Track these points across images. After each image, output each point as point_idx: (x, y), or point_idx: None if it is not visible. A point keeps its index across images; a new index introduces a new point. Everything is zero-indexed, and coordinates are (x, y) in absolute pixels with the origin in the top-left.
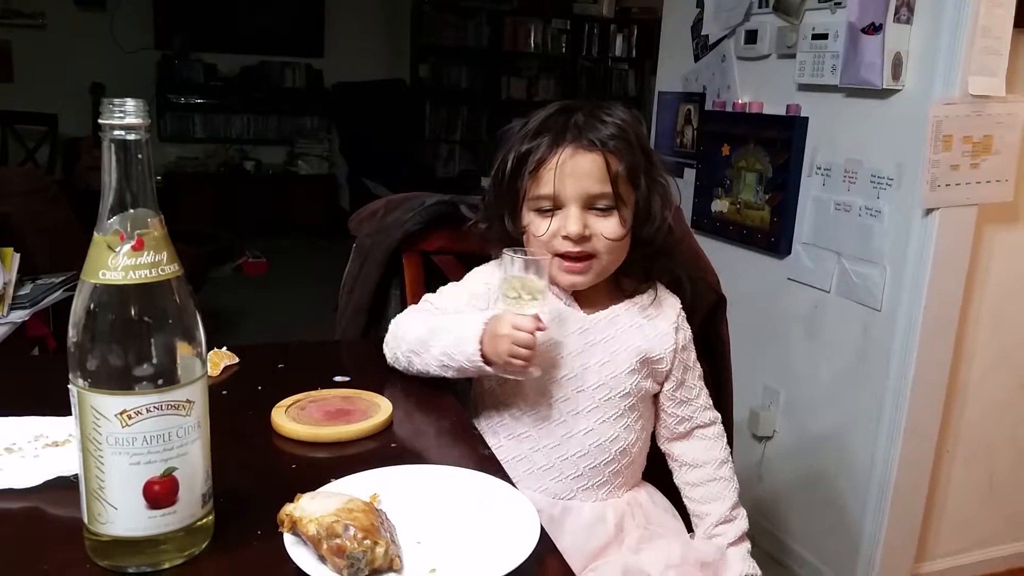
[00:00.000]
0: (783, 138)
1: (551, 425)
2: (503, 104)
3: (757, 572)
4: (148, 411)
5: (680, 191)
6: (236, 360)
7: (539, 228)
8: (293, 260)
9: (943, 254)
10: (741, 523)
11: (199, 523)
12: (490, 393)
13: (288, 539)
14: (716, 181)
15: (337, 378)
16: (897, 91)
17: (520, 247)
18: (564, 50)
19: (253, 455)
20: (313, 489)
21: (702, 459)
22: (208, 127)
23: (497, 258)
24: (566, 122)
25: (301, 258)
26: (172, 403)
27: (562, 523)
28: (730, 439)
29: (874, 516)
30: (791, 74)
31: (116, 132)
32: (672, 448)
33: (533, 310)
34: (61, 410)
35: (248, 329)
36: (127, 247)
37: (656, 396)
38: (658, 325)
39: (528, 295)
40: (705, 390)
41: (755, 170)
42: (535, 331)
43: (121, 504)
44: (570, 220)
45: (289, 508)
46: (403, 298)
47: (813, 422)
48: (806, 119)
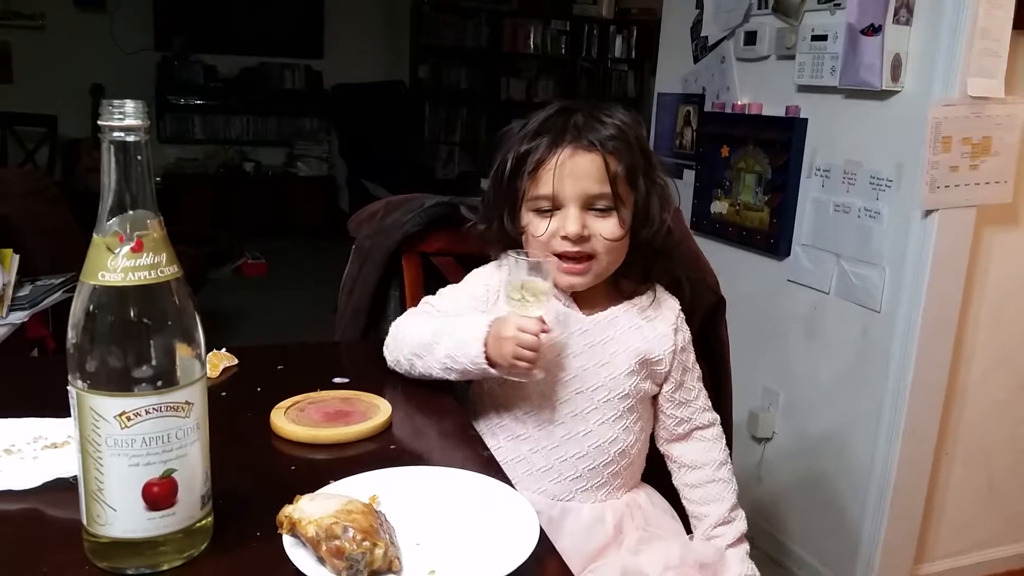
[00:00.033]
0: (782, 139)
1: (550, 427)
2: (502, 105)
3: (756, 573)
4: (147, 412)
5: (679, 192)
6: (235, 361)
7: (538, 228)
8: (292, 261)
9: (942, 255)
10: (740, 524)
11: (198, 525)
12: (489, 395)
13: (287, 541)
14: (715, 182)
15: (336, 379)
16: (896, 92)
17: (520, 248)
18: (563, 51)
19: (252, 457)
20: (312, 491)
21: (701, 460)
22: (207, 128)
23: (496, 259)
24: (565, 123)
25: (300, 259)
26: (171, 404)
27: (561, 524)
28: (729, 440)
29: (873, 517)
30: (790, 75)
31: (115, 133)
32: (671, 449)
33: (538, 312)
34: (60, 411)
35: (247, 330)
36: (126, 248)
37: (655, 397)
38: (657, 327)
39: (533, 297)
40: (704, 391)
41: (754, 171)
42: (540, 333)
43: (120, 506)
44: (569, 220)
45: (288, 510)
46: (402, 299)
47: (812, 423)
48: (805, 120)
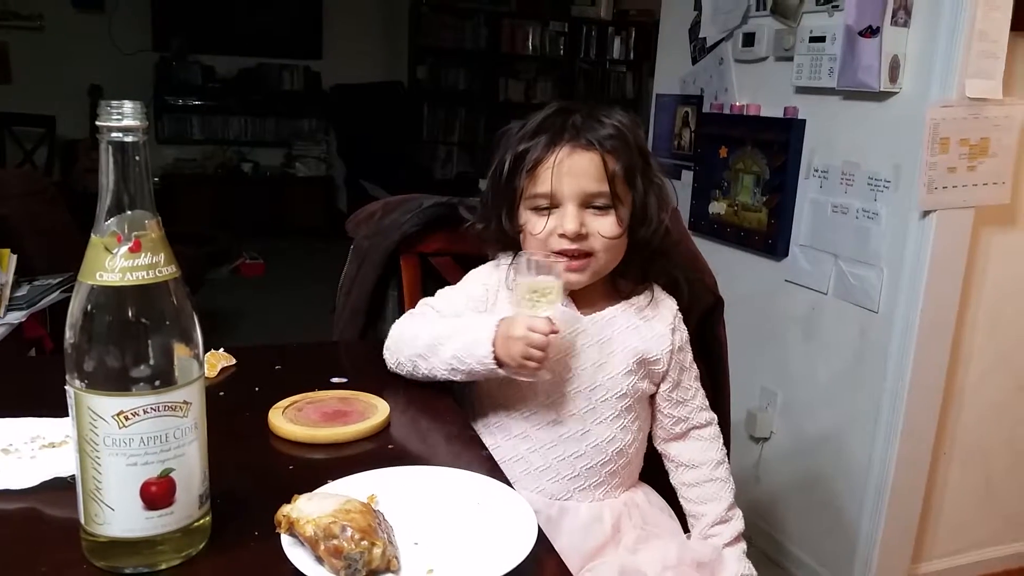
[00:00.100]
0: (780, 140)
1: (548, 426)
2: (501, 106)
3: (753, 573)
4: (145, 412)
5: (677, 193)
6: (233, 361)
7: (536, 226)
8: (290, 262)
9: (940, 256)
10: (737, 523)
11: (196, 524)
12: (488, 394)
13: (285, 540)
14: (714, 183)
15: (334, 379)
16: (894, 94)
17: (518, 247)
18: (562, 52)
19: (250, 456)
20: (310, 490)
21: (698, 460)
22: (206, 129)
23: (494, 259)
24: (564, 122)
25: (298, 260)
26: (169, 404)
27: (559, 524)
28: (727, 440)
29: (871, 517)
30: (788, 76)
31: (114, 134)
32: (668, 449)
33: (547, 312)
34: (58, 411)
35: (245, 330)
36: (124, 249)
37: (652, 397)
38: (655, 326)
39: (543, 298)
40: (701, 391)
41: (752, 172)
42: (549, 333)
43: (118, 505)
44: (567, 218)
45: (286, 509)
46: (400, 300)
47: (810, 423)
48: (803, 121)
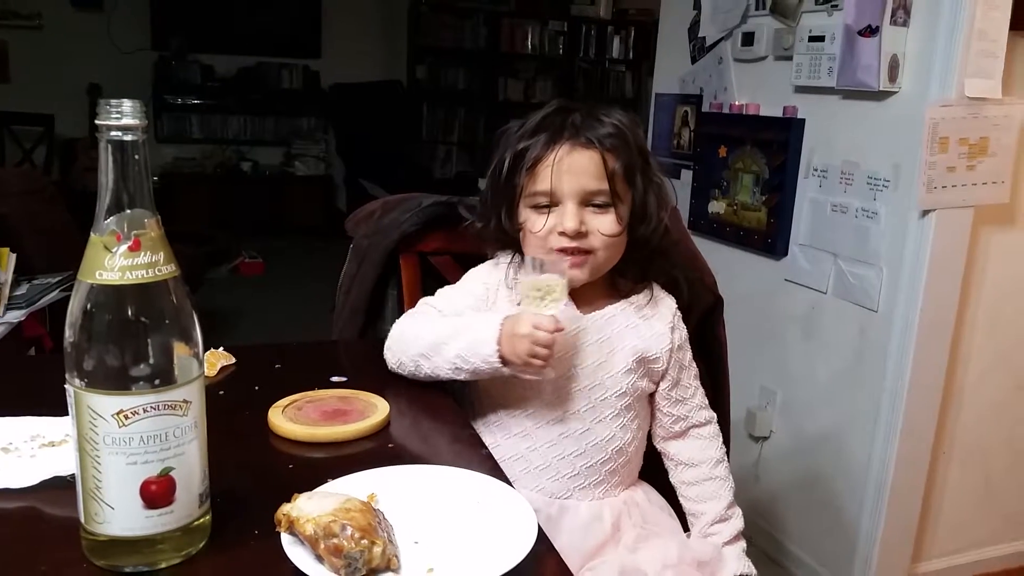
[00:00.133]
0: (780, 140)
1: (548, 425)
2: (500, 105)
3: (753, 571)
4: (145, 411)
5: (677, 192)
6: (233, 360)
7: (535, 224)
8: (290, 261)
9: (939, 256)
10: (736, 522)
11: (196, 523)
12: (487, 393)
13: (285, 539)
14: (713, 182)
15: (334, 378)
16: (893, 93)
17: (517, 246)
18: (561, 51)
19: (250, 455)
20: (310, 489)
21: (698, 458)
22: (205, 128)
23: (493, 257)
24: (563, 121)
25: (298, 259)
26: (169, 403)
27: (559, 522)
28: (727, 439)
29: (871, 516)
30: (788, 76)
31: (113, 133)
32: (668, 447)
33: (552, 311)
34: (58, 410)
35: (245, 329)
36: (124, 247)
37: (652, 395)
38: (654, 325)
39: (548, 296)
40: (701, 389)
41: (752, 171)
42: (555, 331)
43: (118, 504)
44: (567, 216)
45: (286, 508)
46: (400, 299)
47: (810, 423)
48: (803, 121)
